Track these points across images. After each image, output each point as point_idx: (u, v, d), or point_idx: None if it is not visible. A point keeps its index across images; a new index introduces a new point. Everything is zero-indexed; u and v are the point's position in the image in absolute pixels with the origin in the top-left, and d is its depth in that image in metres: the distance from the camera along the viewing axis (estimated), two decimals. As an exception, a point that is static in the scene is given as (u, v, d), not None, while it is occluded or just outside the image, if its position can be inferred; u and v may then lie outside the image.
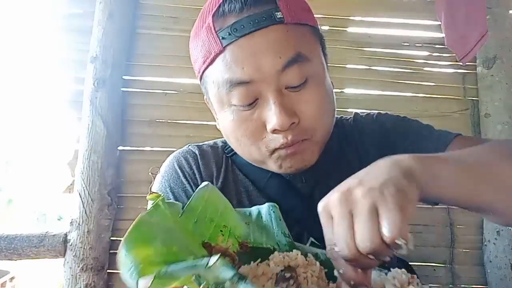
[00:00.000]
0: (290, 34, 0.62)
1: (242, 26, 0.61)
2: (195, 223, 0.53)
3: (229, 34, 0.61)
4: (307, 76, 0.63)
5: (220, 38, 0.62)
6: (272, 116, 0.61)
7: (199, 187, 0.57)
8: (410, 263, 0.85)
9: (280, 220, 0.60)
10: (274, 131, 0.62)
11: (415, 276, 0.50)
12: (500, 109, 1.68)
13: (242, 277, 0.42)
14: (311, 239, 0.63)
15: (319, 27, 0.70)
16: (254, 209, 0.62)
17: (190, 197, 0.59)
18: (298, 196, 0.74)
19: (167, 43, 1.70)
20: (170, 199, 0.74)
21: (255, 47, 0.61)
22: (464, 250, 1.67)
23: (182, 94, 1.68)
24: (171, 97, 1.68)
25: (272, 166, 0.68)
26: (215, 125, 0.77)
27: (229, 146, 0.80)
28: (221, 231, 0.55)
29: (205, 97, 0.76)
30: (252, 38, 0.61)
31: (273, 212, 0.60)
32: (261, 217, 0.60)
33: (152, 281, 0.38)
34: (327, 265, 0.55)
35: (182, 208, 0.54)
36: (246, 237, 0.57)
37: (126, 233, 0.44)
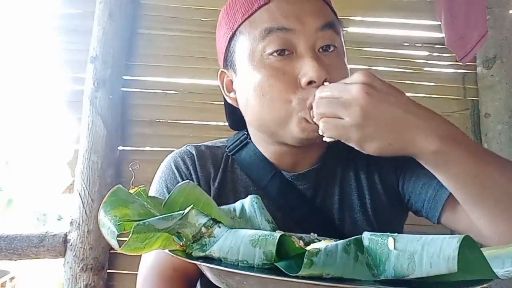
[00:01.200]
0: (327, 8, 0.70)
1: None
2: (177, 211, 0.54)
3: None
4: (336, 45, 0.68)
5: None
6: (309, 67, 0.63)
7: (179, 183, 0.57)
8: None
9: (263, 209, 0.60)
10: (310, 83, 0.63)
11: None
12: (500, 109, 1.68)
13: (216, 221, 0.43)
14: (315, 234, 0.63)
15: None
16: (237, 204, 0.62)
17: None
18: (299, 197, 0.74)
19: (167, 43, 1.70)
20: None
21: (301, 4, 0.67)
22: (464, 250, 1.67)
23: (182, 94, 1.68)
24: (171, 97, 1.68)
25: (293, 128, 0.65)
26: (215, 125, 0.77)
27: (231, 145, 0.80)
28: None
29: (220, 70, 0.77)
30: None
31: (256, 203, 0.61)
32: (245, 210, 0.61)
33: (131, 235, 0.38)
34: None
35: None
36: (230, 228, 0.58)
37: (105, 198, 0.45)
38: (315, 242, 0.59)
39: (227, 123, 0.86)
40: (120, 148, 1.61)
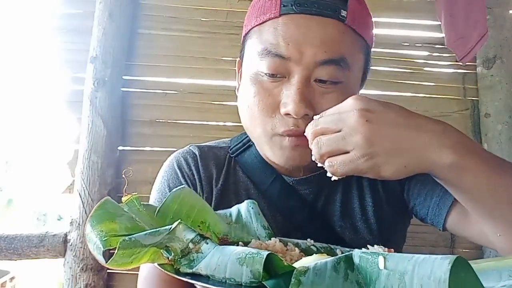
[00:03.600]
0: (344, 36, 0.64)
1: (306, 4, 0.62)
2: (171, 219, 0.53)
3: (291, 5, 0.63)
4: (339, 81, 0.64)
5: (282, 5, 0.63)
6: (290, 99, 0.62)
7: (174, 189, 0.57)
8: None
9: (259, 214, 0.60)
10: (287, 115, 0.63)
11: (392, 249, 0.52)
12: (500, 109, 1.68)
13: (204, 237, 0.43)
14: (311, 240, 0.63)
15: (371, 47, 0.73)
16: (234, 209, 0.62)
17: None
18: (300, 202, 0.73)
19: (167, 43, 1.70)
20: None
21: (309, 29, 0.62)
22: (464, 250, 1.67)
23: (182, 94, 1.68)
24: (171, 97, 1.68)
25: (267, 151, 0.68)
26: (215, 125, 0.77)
27: (234, 147, 0.80)
28: (198, 226, 0.55)
29: (237, 59, 0.77)
30: (309, 20, 0.62)
31: (252, 208, 0.61)
32: (241, 215, 0.61)
33: (117, 251, 0.38)
34: (308, 252, 0.56)
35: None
36: (226, 234, 0.57)
37: (92, 211, 0.44)
38: (311, 248, 0.59)
39: (227, 123, 0.86)
40: (120, 148, 1.61)
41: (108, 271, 1.53)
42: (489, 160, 0.53)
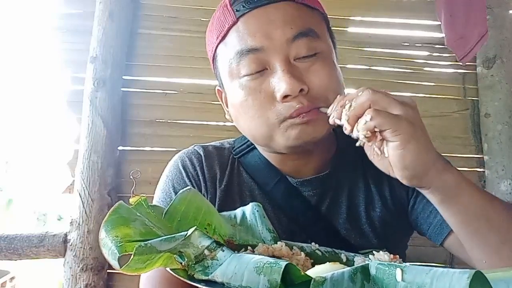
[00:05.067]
0: (302, 12, 0.66)
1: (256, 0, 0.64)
2: (179, 221, 0.54)
3: (243, 7, 0.65)
4: (316, 51, 0.65)
5: (235, 10, 0.66)
6: (280, 82, 0.62)
7: (181, 190, 0.57)
8: (410, 263, 0.85)
9: (264, 217, 0.60)
10: (285, 98, 0.63)
11: (397, 256, 0.53)
12: (500, 109, 1.68)
13: (220, 244, 0.43)
14: (316, 244, 0.63)
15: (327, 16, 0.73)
16: (238, 211, 0.62)
17: None
18: (304, 204, 0.73)
19: (167, 43, 1.70)
20: (173, 199, 0.74)
21: (268, 17, 0.64)
22: (464, 250, 1.67)
23: (182, 94, 1.68)
24: (171, 97, 1.68)
25: (279, 139, 0.66)
26: (215, 125, 0.77)
27: (237, 148, 0.80)
28: (205, 228, 0.56)
29: (216, 87, 0.78)
30: (265, 9, 0.64)
31: (257, 211, 0.61)
32: (246, 217, 0.61)
33: (132, 257, 0.37)
34: (313, 256, 0.56)
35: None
36: (231, 237, 0.57)
37: (106, 216, 0.44)
38: (316, 253, 0.58)
39: (227, 123, 0.86)
40: (120, 148, 1.61)
41: (108, 271, 1.53)
42: (482, 190, 0.59)
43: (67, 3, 1.67)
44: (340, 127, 0.55)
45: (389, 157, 0.52)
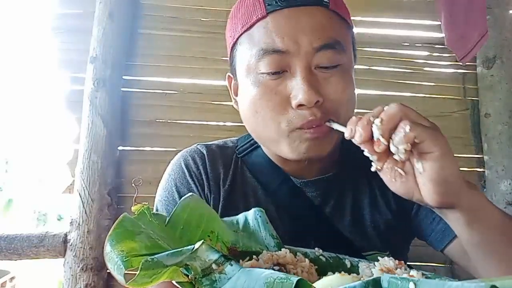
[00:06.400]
0: (333, 21, 0.65)
1: None
2: (182, 229, 0.53)
3: (276, 2, 0.63)
4: (338, 64, 0.65)
5: (266, 4, 0.64)
6: (299, 90, 0.61)
7: (183, 197, 0.56)
8: (410, 263, 0.85)
9: (267, 223, 0.60)
10: (300, 106, 0.62)
11: (402, 261, 0.52)
12: (500, 109, 1.68)
13: (228, 258, 0.42)
14: (319, 250, 0.63)
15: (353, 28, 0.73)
16: (241, 217, 0.61)
17: None
18: (307, 205, 0.73)
19: (167, 43, 1.70)
20: (175, 198, 0.74)
21: (299, 20, 0.63)
22: (464, 250, 1.67)
23: (182, 94, 1.68)
24: (171, 97, 1.67)
25: (285, 148, 0.66)
26: (215, 125, 0.77)
27: (241, 147, 0.79)
28: (208, 236, 0.55)
29: (227, 74, 0.77)
30: (296, 11, 0.63)
31: (260, 216, 0.60)
32: (248, 223, 0.60)
33: (139, 272, 0.37)
34: (317, 262, 0.56)
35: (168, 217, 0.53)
36: (234, 243, 0.57)
37: (111, 230, 0.43)
38: (320, 259, 0.58)
39: (227, 123, 0.86)
40: (120, 148, 1.61)
41: (108, 271, 1.53)
42: (499, 208, 0.57)
43: (67, 3, 1.67)
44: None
45: (425, 172, 0.48)
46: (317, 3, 0.64)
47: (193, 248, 0.41)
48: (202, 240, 0.42)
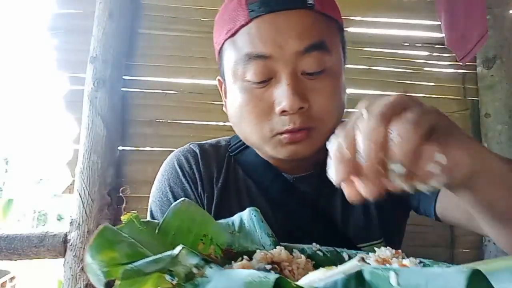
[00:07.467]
0: (317, 22, 0.64)
1: (272, 2, 0.63)
2: (173, 235, 0.53)
3: (259, 8, 0.63)
4: (325, 67, 0.64)
5: (249, 10, 0.63)
6: (283, 96, 0.61)
7: (174, 203, 0.56)
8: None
9: (262, 222, 0.59)
10: (283, 112, 0.62)
11: (399, 251, 0.51)
12: (500, 109, 1.68)
13: (208, 261, 0.41)
14: (317, 245, 0.63)
15: (343, 26, 0.72)
16: (236, 218, 0.61)
17: (188, 196, 0.58)
18: (301, 201, 0.73)
19: (167, 43, 1.70)
20: (169, 198, 0.74)
21: (282, 25, 0.62)
22: (464, 250, 1.67)
23: (182, 94, 1.68)
24: (171, 97, 1.67)
25: (269, 151, 0.68)
26: (215, 125, 0.77)
27: (233, 145, 0.80)
28: (201, 239, 0.54)
29: (218, 77, 0.77)
30: (280, 16, 0.62)
31: (254, 216, 0.60)
32: (244, 223, 0.60)
33: (120, 282, 0.36)
34: (315, 258, 0.56)
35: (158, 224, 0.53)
36: (230, 245, 0.56)
37: (90, 241, 0.43)
38: (317, 254, 0.58)
39: (227, 123, 0.86)
40: (120, 148, 1.61)
41: (108, 271, 1.53)
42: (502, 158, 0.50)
43: (66, 3, 1.67)
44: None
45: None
46: (301, 6, 0.63)
47: (173, 253, 0.40)
48: (182, 246, 0.42)
